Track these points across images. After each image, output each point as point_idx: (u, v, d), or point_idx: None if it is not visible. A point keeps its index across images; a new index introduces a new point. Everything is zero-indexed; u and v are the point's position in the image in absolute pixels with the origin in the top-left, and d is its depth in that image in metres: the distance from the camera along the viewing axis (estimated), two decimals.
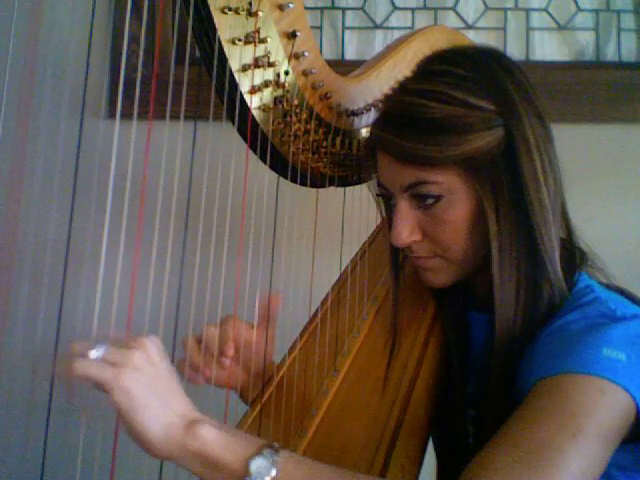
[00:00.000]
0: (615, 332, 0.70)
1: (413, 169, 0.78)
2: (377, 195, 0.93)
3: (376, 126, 0.83)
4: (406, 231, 0.81)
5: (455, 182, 0.77)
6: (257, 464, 0.58)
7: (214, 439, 0.59)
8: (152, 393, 0.59)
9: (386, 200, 0.90)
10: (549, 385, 0.67)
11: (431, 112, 0.76)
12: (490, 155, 0.76)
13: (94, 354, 0.58)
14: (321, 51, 1.47)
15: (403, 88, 0.82)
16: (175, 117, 0.72)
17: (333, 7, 1.49)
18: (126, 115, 0.68)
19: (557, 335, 0.73)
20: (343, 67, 0.93)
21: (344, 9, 1.49)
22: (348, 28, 1.49)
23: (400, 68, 0.95)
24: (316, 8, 1.48)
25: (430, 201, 0.78)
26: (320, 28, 1.49)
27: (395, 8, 1.49)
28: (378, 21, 1.49)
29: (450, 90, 0.76)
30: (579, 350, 0.68)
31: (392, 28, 1.48)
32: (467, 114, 0.76)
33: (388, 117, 0.82)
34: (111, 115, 1.36)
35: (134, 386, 0.57)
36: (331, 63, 0.88)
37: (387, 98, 0.85)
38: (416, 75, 0.83)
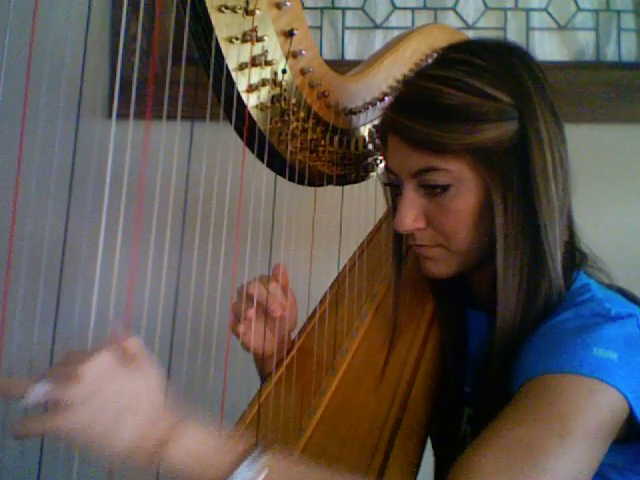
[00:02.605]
0: (608, 331, 0.69)
1: (424, 154, 0.77)
2: (385, 184, 0.92)
3: (390, 109, 0.82)
4: (410, 217, 0.80)
5: (465, 171, 0.76)
6: None
7: (182, 461, 0.57)
8: (100, 425, 0.55)
9: (393, 188, 0.89)
10: (538, 384, 0.67)
11: (447, 98, 0.75)
12: (502, 147, 0.75)
13: (32, 398, 0.54)
14: (321, 51, 1.47)
15: (421, 73, 0.82)
16: (172, 117, 0.72)
17: (333, 7, 1.49)
18: (123, 115, 0.68)
19: (550, 334, 0.73)
20: (343, 67, 0.93)
21: (344, 9, 1.49)
22: (348, 28, 1.49)
23: (399, 66, 0.95)
24: (316, 8, 1.48)
25: (438, 189, 0.77)
26: (320, 28, 1.49)
27: (395, 8, 1.49)
28: (378, 21, 1.49)
29: (468, 78, 0.76)
30: (570, 350, 0.68)
31: (392, 28, 1.48)
32: (482, 103, 0.75)
33: (403, 100, 0.81)
34: (108, 115, 1.36)
35: (77, 425, 0.54)
36: (331, 63, 0.88)
37: (404, 82, 0.85)
38: (435, 62, 0.83)
